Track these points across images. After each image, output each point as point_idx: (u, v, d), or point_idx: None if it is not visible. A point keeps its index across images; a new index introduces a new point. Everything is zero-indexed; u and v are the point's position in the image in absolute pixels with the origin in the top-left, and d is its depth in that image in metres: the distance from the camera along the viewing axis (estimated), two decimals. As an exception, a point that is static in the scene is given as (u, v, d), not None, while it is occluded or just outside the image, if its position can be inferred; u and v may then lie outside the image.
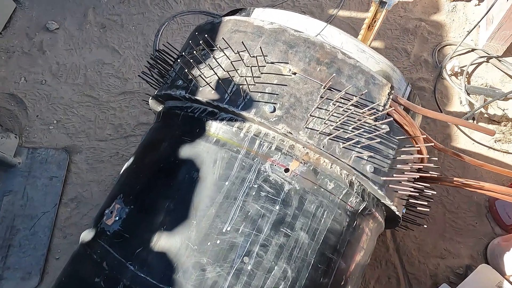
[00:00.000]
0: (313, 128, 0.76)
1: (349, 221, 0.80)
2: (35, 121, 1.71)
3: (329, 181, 0.78)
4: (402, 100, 0.85)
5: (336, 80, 0.78)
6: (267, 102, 0.76)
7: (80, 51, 1.87)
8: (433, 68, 1.87)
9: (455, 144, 1.71)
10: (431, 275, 1.49)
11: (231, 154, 0.76)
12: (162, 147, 0.84)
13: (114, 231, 0.78)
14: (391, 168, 0.82)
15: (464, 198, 1.60)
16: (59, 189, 1.55)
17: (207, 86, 0.80)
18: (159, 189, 0.78)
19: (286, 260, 0.72)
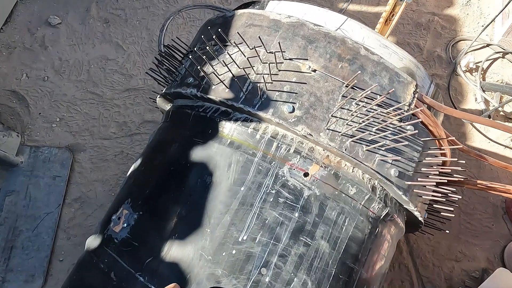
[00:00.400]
0: (334, 129, 0.71)
1: (371, 228, 0.76)
2: (37, 119, 1.66)
3: (351, 186, 0.73)
4: (427, 99, 0.80)
5: (359, 78, 0.73)
6: (285, 101, 0.71)
7: (83, 46, 1.82)
8: (447, 64, 1.81)
9: (470, 143, 1.66)
10: (446, 279, 1.44)
11: (246, 157, 0.71)
12: (172, 149, 0.79)
13: (122, 239, 0.73)
14: (416, 172, 0.77)
15: (479, 199, 1.55)
16: (63, 189, 1.51)
17: (221, 84, 0.75)
18: (170, 194, 0.73)
19: (306, 271, 0.67)
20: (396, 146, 0.73)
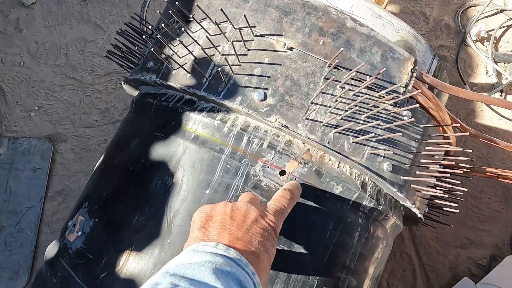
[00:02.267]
0: (315, 119, 0.60)
1: (361, 230, 0.66)
2: (15, 108, 1.57)
3: (336, 184, 0.62)
4: (428, 78, 0.68)
5: (345, 56, 0.61)
6: (255, 87, 0.60)
7: (60, 28, 1.69)
8: (456, 33, 1.65)
9: (479, 120, 1.52)
10: (451, 267, 1.35)
11: (212, 154, 0.61)
12: (132, 146, 0.69)
13: (76, 249, 0.65)
14: (413, 164, 0.66)
15: (489, 182, 1.43)
16: (44, 182, 1.44)
17: (181, 69, 0.63)
18: (128, 199, 0.64)
19: (282, 285, 0.58)
20: (389, 136, 0.62)
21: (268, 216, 0.51)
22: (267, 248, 0.48)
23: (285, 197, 0.54)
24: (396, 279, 1.34)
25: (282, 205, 0.53)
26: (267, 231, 0.49)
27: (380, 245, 0.72)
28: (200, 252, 0.44)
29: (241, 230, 0.47)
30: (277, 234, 0.51)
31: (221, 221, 0.48)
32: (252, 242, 0.47)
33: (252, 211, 0.50)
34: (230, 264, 0.43)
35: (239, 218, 0.48)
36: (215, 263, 0.42)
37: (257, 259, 0.47)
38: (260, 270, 0.47)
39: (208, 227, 0.48)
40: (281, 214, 0.52)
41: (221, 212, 0.49)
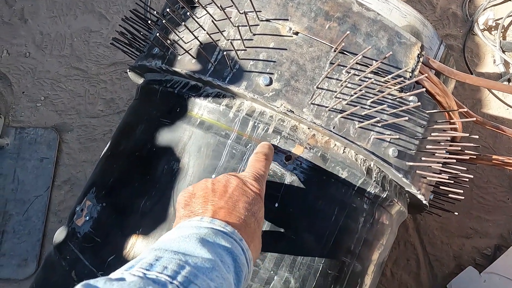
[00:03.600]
0: (320, 104, 0.60)
1: (366, 216, 0.66)
2: (21, 98, 1.58)
3: (341, 169, 0.62)
4: (435, 63, 0.67)
5: (351, 40, 0.61)
6: (261, 72, 0.60)
7: (65, 18, 1.69)
8: (463, 22, 1.63)
9: (486, 110, 1.51)
10: (455, 256, 1.36)
11: (218, 139, 0.62)
12: (138, 131, 0.70)
13: (84, 234, 0.66)
14: (419, 150, 0.66)
15: (494, 172, 1.42)
16: (51, 171, 1.45)
17: (187, 54, 0.63)
18: (134, 184, 0.65)
19: (288, 268, 0.59)
20: (395, 122, 0.62)
21: (249, 182, 0.51)
22: (254, 212, 0.49)
23: (259, 160, 0.54)
24: (400, 268, 1.34)
25: (259, 169, 0.53)
26: (251, 196, 0.49)
27: (385, 231, 0.72)
28: (185, 227, 0.44)
29: (223, 199, 0.48)
30: (262, 197, 0.51)
31: (203, 196, 0.48)
32: (236, 208, 0.47)
33: (233, 180, 0.50)
34: (215, 233, 0.43)
35: (220, 189, 0.49)
36: (199, 234, 0.42)
37: (244, 225, 0.47)
38: (249, 235, 0.47)
39: (191, 203, 0.48)
40: (261, 178, 0.53)
41: (202, 188, 0.50)
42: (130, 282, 0.32)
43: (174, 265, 0.37)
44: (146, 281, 0.33)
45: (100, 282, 0.32)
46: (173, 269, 0.36)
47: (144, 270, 0.35)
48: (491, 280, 1.21)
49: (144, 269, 0.36)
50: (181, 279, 0.35)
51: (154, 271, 0.35)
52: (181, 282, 0.35)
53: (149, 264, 0.36)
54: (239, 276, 0.43)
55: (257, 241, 0.50)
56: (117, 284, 0.32)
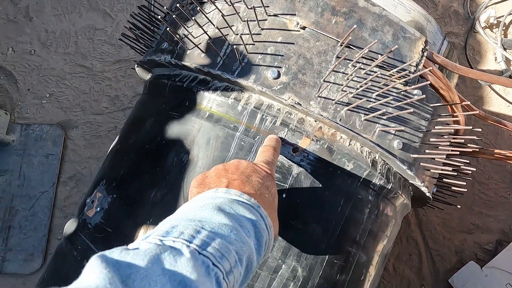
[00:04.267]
0: (327, 97, 0.61)
1: (371, 207, 0.67)
2: (26, 95, 1.59)
3: (347, 161, 0.64)
4: (438, 58, 0.68)
5: (357, 35, 0.62)
6: (269, 65, 0.61)
7: (69, 16, 1.71)
8: (464, 20, 1.64)
9: (487, 107, 1.52)
10: (457, 252, 1.37)
11: (227, 131, 0.63)
12: (147, 125, 0.71)
13: (95, 224, 0.67)
14: (423, 143, 0.67)
15: (496, 168, 1.44)
16: (56, 167, 1.47)
17: (196, 49, 0.65)
18: (144, 175, 0.66)
19: (295, 258, 0.60)
20: (400, 114, 0.63)
21: (259, 164, 0.52)
22: (267, 186, 0.49)
23: (268, 151, 0.56)
24: (402, 263, 1.36)
25: (268, 157, 0.54)
26: (262, 173, 0.50)
27: (389, 223, 0.73)
28: (200, 199, 0.43)
29: (236, 174, 0.48)
30: (273, 177, 0.52)
31: (216, 174, 0.49)
32: (250, 180, 0.48)
33: (243, 161, 0.52)
34: (231, 201, 0.42)
35: (232, 167, 0.50)
36: (215, 203, 0.41)
37: (259, 194, 0.47)
38: (265, 206, 0.46)
39: (205, 183, 0.49)
40: (271, 164, 0.54)
41: (214, 169, 0.51)
42: (146, 249, 0.32)
43: (191, 230, 0.36)
44: (163, 247, 0.32)
45: (115, 253, 0.31)
46: (190, 233, 0.35)
47: (161, 237, 0.35)
48: (492, 275, 1.22)
49: (161, 236, 0.35)
50: (199, 242, 0.34)
51: (171, 237, 0.34)
52: (198, 245, 0.34)
53: (165, 231, 0.36)
54: (260, 241, 0.42)
55: (274, 215, 0.49)
56: (133, 253, 0.31)
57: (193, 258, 0.32)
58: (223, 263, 0.35)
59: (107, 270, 0.27)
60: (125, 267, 0.29)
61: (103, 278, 0.26)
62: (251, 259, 0.40)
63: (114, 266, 0.28)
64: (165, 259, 0.31)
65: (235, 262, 0.36)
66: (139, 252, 0.31)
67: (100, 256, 0.30)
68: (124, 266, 0.29)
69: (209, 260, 0.34)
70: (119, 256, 0.30)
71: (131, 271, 0.29)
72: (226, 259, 0.35)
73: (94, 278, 0.27)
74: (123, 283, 0.27)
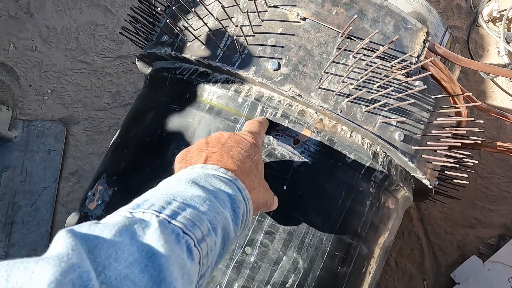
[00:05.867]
0: (328, 88, 0.61)
1: (372, 199, 0.67)
2: (28, 92, 1.60)
3: (348, 153, 0.64)
4: (440, 49, 0.68)
5: (358, 26, 0.62)
6: (269, 57, 0.61)
7: (70, 12, 1.70)
8: (467, 14, 1.63)
9: (490, 101, 1.51)
10: (459, 246, 1.37)
11: (227, 123, 0.63)
12: (148, 118, 0.71)
13: (97, 217, 0.67)
14: (425, 134, 0.67)
15: (498, 162, 1.43)
16: (58, 163, 1.47)
17: (196, 41, 0.65)
18: (145, 168, 0.66)
19: (296, 249, 0.60)
20: (401, 106, 0.63)
21: (243, 133, 0.52)
22: (249, 154, 0.49)
23: (253, 123, 0.56)
24: (404, 258, 1.36)
25: (253, 127, 0.54)
26: (244, 142, 0.50)
27: (391, 216, 0.73)
28: (176, 175, 0.43)
29: (216, 146, 0.48)
30: (258, 146, 0.52)
31: (197, 149, 0.49)
32: (230, 152, 0.47)
33: (225, 133, 0.51)
34: (207, 175, 0.42)
35: (213, 140, 0.50)
36: (189, 177, 0.41)
37: (240, 165, 0.46)
38: (245, 176, 0.46)
39: (186, 158, 0.49)
40: (255, 133, 0.53)
41: (196, 143, 0.51)
42: (115, 221, 0.31)
43: (162, 202, 0.35)
44: (132, 219, 0.32)
45: (84, 227, 0.30)
46: (160, 205, 0.35)
47: (131, 209, 0.34)
48: (494, 269, 1.22)
49: (131, 209, 0.35)
50: (169, 212, 0.34)
51: (141, 208, 0.34)
52: (168, 215, 0.34)
53: (136, 204, 0.36)
54: (236, 212, 0.42)
55: (257, 181, 0.48)
56: (101, 226, 0.30)
57: (161, 227, 0.32)
58: (194, 231, 0.34)
59: (71, 239, 0.27)
60: (92, 239, 0.29)
61: (66, 246, 0.26)
62: (227, 230, 0.40)
63: (82, 239, 0.28)
64: (134, 230, 0.31)
65: (208, 230, 0.36)
66: (107, 224, 0.31)
67: (67, 229, 0.29)
68: (91, 238, 0.29)
69: (179, 229, 0.33)
70: (88, 229, 0.30)
71: (98, 241, 0.28)
72: (197, 227, 0.35)
73: (58, 247, 0.26)
74: (89, 252, 0.27)
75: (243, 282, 0.58)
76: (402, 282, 1.32)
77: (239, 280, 0.58)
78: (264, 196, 0.51)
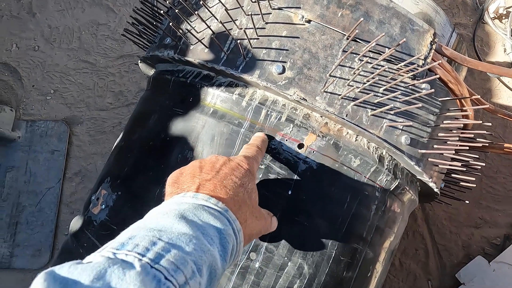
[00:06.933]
0: (333, 92, 0.60)
1: (378, 203, 0.66)
2: (31, 92, 1.59)
3: (354, 157, 0.63)
4: (447, 51, 0.67)
5: (364, 28, 0.61)
6: (274, 60, 0.60)
7: (72, 11, 1.70)
8: (473, 11, 1.60)
9: (496, 100, 1.50)
10: (464, 246, 1.36)
11: (231, 128, 0.62)
12: (151, 121, 0.71)
13: (101, 222, 0.67)
14: (431, 138, 0.66)
15: (504, 162, 1.42)
16: (62, 163, 1.47)
17: (199, 44, 0.64)
18: (149, 172, 0.66)
19: (301, 255, 0.60)
20: (408, 109, 0.62)
21: (238, 159, 0.51)
22: (243, 183, 0.48)
23: (251, 148, 0.55)
24: (408, 258, 1.35)
25: (250, 153, 0.53)
26: (239, 170, 0.49)
27: (396, 219, 0.73)
28: (167, 204, 0.43)
29: (210, 174, 0.47)
30: (252, 173, 0.51)
31: (191, 173, 0.48)
32: (223, 181, 0.46)
33: (221, 158, 0.51)
34: (196, 208, 0.41)
35: (207, 165, 0.49)
36: (179, 210, 0.40)
37: (232, 195, 0.45)
38: (237, 206, 0.45)
39: (179, 182, 0.48)
40: (252, 159, 0.52)
41: (190, 166, 0.50)
42: (95, 263, 0.31)
43: (147, 242, 0.35)
44: (114, 260, 0.31)
45: (65, 268, 0.30)
46: (144, 246, 0.34)
47: (115, 250, 0.34)
48: (500, 270, 1.21)
49: (115, 248, 0.34)
50: (152, 256, 0.33)
51: (124, 249, 0.34)
52: (152, 258, 0.33)
53: (121, 243, 0.35)
54: (225, 247, 0.41)
55: (249, 212, 0.47)
56: (81, 268, 0.30)
57: (143, 272, 0.31)
58: (177, 276, 0.34)
59: None
60: (71, 284, 0.28)
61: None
62: (214, 267, 0.39)
63: (61, 284, 0.28)
64: (113, 273, 0.30)
65: (191, 273, 0.35)
66: (87, 267, 0.30)
67: (46, 273, 0.29)
68: (70, 283, 0.28)
69: (161, 274, 0.33)
70: (67, 272, 0.29)
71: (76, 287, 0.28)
72: (181, 271, 0.34)
73: None
74: None
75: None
76: (407, 282, 1.32)
77: (244, 286, 0.58)
78: (257, 226, 0.50)
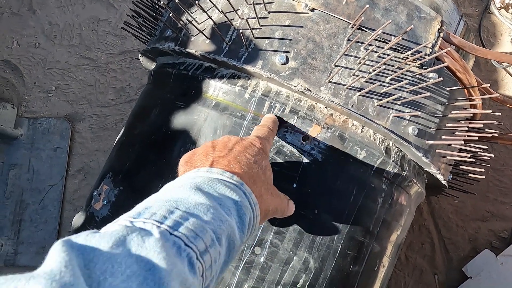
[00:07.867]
0: (338, 82, 0.58)
1: (385, 196, 0.65)
2: (33, 89, 1.59)
3: (360, 148, 0.61)
4: (455, 39, 0.65)
5: (369, 16, 0.59)
6: (277, 50, 0.59)
7: (73, 7, 1.69)
8: (479, 1, 1.58)
9: (503, 91, 1.47)
10: (471, 240, 1.34)
11: (234, 120, 0.61)
12: (152, 115, 0.69)
13: (103, 217, 0.66)
14: (439, 128, 0.64)
15: (511, 154, 1.40)
16: (65, 161, 1.47)
17: (200, 35, 0.62)
18: (151, 167, 0.64)
19: (307, 249, 0.58)
20: (415, 99, 0.60)
21: (251, 138, 0.50)
22: (257, 160, 0.47)
23: (262, 129, 0.54)
24: (414, 252, 1.34)
25: (261, 133, 0.53)
26: (252, 148, 0.48)
27: (403, 212, 0.71)
28: (181, 179, 0.42)
29: (223, 151, 0.46)
30: (266, 152, 0.50)
31: (204, 152, 0.47)
32: (237, 157, 0.46)
33: (233, 138, 0.50)
34: (211, 180, 0.41)
35: (220, 144, 0.48)
36: (194, 183, 0.39)
37: (246, 170, 0.45)
38: (252, 181, 0.45)
39: (192, 161, 0.47)
40: (263, 139, 0.52)
41: (202, 147, 0.49)
42: (113, 231, 0.30)
43: (164, 211, 0.34)
44: (132, 228, 0.31)
45: (81, 237, 0.29)
46: (162, 214, 0.34)
47: (132, 218, 0.33)
48: (508, 263, 1.20)
49: (132, 217, 0.33)
50: (170, 223, 0.33)
51: (142, 218, 0.33)
52: (170, 225, 0.33)
53: (137, 213, 0.34)
54: (242, 219, 0.40)
55: (264, 187, 0.47)
56: (99, 235, 0.29)
57: (163, 238, 0.31)
58: (197, 243, 0.33)
59: (65, 253, 0.25)
60: (89, 251, 0.27)
61: (59, 261, 0.25)
62: (233, 238, 0.39)
63: (78, 251, 0.27)
64: (133, 241, 0.29)
65: (211, 241, 0.35)
66: (105, 235, 0.29)
67: (63, 241, 0.28)
68: (88, 250, 0.28)
69: (181, 241, 0.32)
70: (85, 240, 0.29)
71: (94, 255, 0.27)
72: (200, 238, 0.34)
73: (51, 263, 0.25)
74: (85, 266, 0.26)
75: (253, 283, 0.57)
76: (413, 276, 1.31)
77: (249, 281, 0.57)
78: (273, 202, 0.49)
